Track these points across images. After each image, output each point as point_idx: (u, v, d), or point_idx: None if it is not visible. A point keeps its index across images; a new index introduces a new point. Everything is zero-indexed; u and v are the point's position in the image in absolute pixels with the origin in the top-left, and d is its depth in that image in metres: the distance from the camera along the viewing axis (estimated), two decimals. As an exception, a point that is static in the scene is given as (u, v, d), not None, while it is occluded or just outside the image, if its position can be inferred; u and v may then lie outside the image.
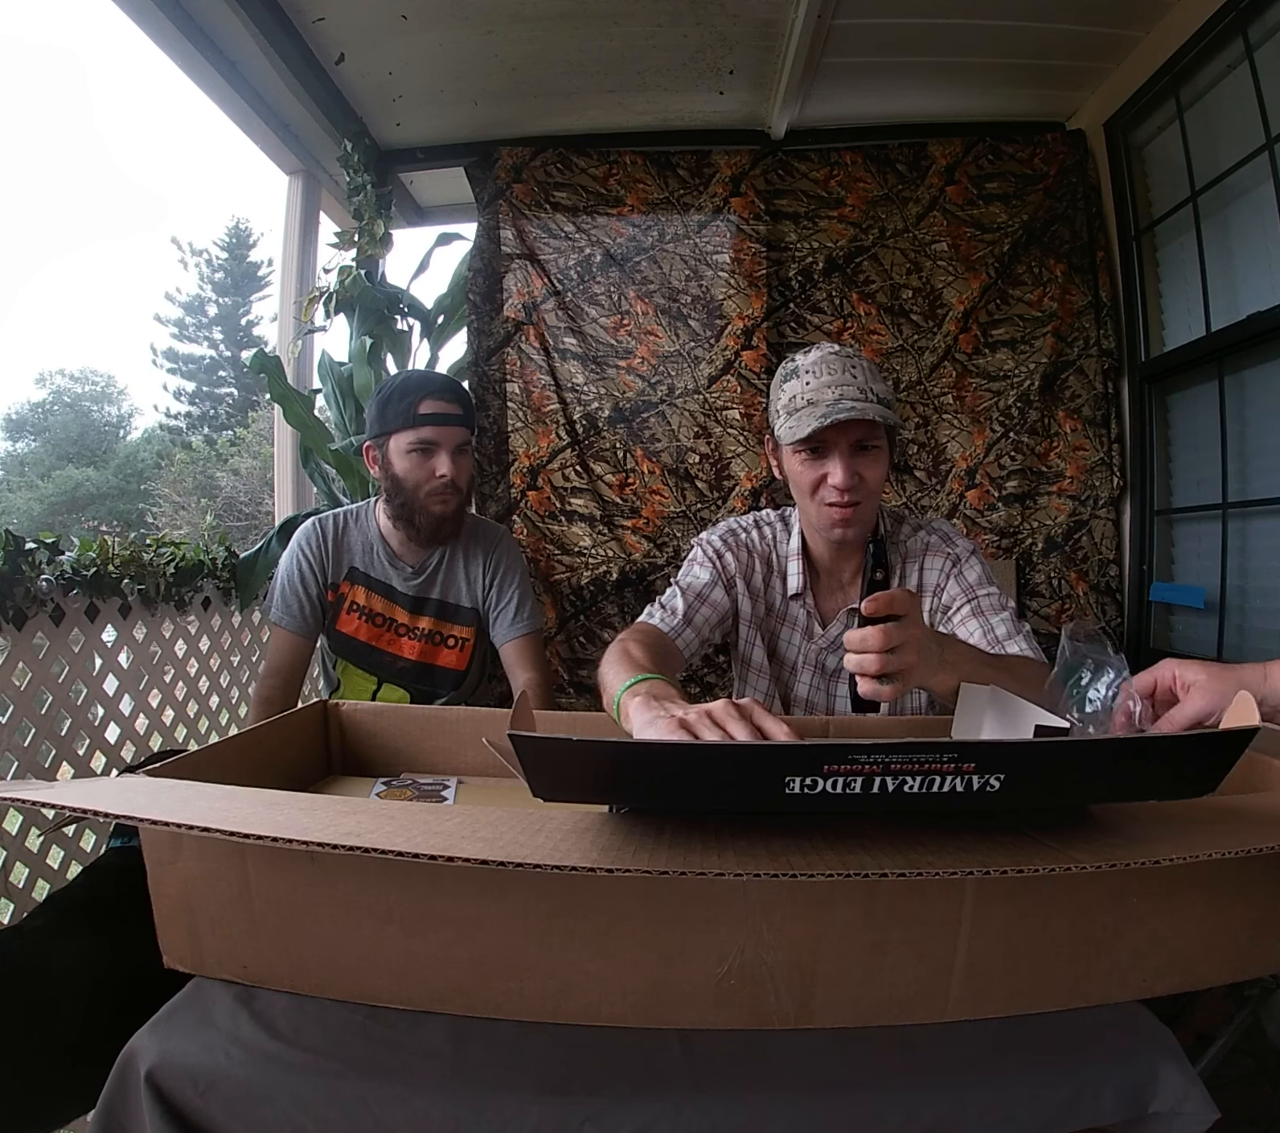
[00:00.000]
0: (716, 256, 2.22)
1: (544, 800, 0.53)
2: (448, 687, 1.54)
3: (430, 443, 1.39)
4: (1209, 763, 0.52)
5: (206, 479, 19.06)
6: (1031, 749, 0.52)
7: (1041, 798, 0.54)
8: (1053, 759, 0.51)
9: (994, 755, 0.49)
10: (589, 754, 0.50)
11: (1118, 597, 2.13)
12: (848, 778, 0.48)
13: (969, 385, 2.17)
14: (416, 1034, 0.58)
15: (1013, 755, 0.49)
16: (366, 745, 1.08)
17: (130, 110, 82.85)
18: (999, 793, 0.49)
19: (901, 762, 0.47)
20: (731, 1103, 0.54)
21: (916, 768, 0.48)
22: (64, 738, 1.29)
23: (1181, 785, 0.54)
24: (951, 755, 0.48)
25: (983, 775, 0.48)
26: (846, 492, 1.05)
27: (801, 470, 1.08)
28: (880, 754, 0.47)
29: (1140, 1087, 0.55)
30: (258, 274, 25.23)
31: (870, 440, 1.06)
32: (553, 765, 0.51)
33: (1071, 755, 0.52)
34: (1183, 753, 0.53)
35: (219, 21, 1.71)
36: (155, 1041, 0.57)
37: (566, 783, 0.53)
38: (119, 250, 72.40)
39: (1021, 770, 0.49)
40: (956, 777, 0.48)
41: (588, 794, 0.55)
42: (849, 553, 1.16)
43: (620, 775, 0.52)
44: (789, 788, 0.48)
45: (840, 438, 1.04)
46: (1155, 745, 0.53)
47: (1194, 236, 1.85)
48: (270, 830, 0.49)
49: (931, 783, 0.48)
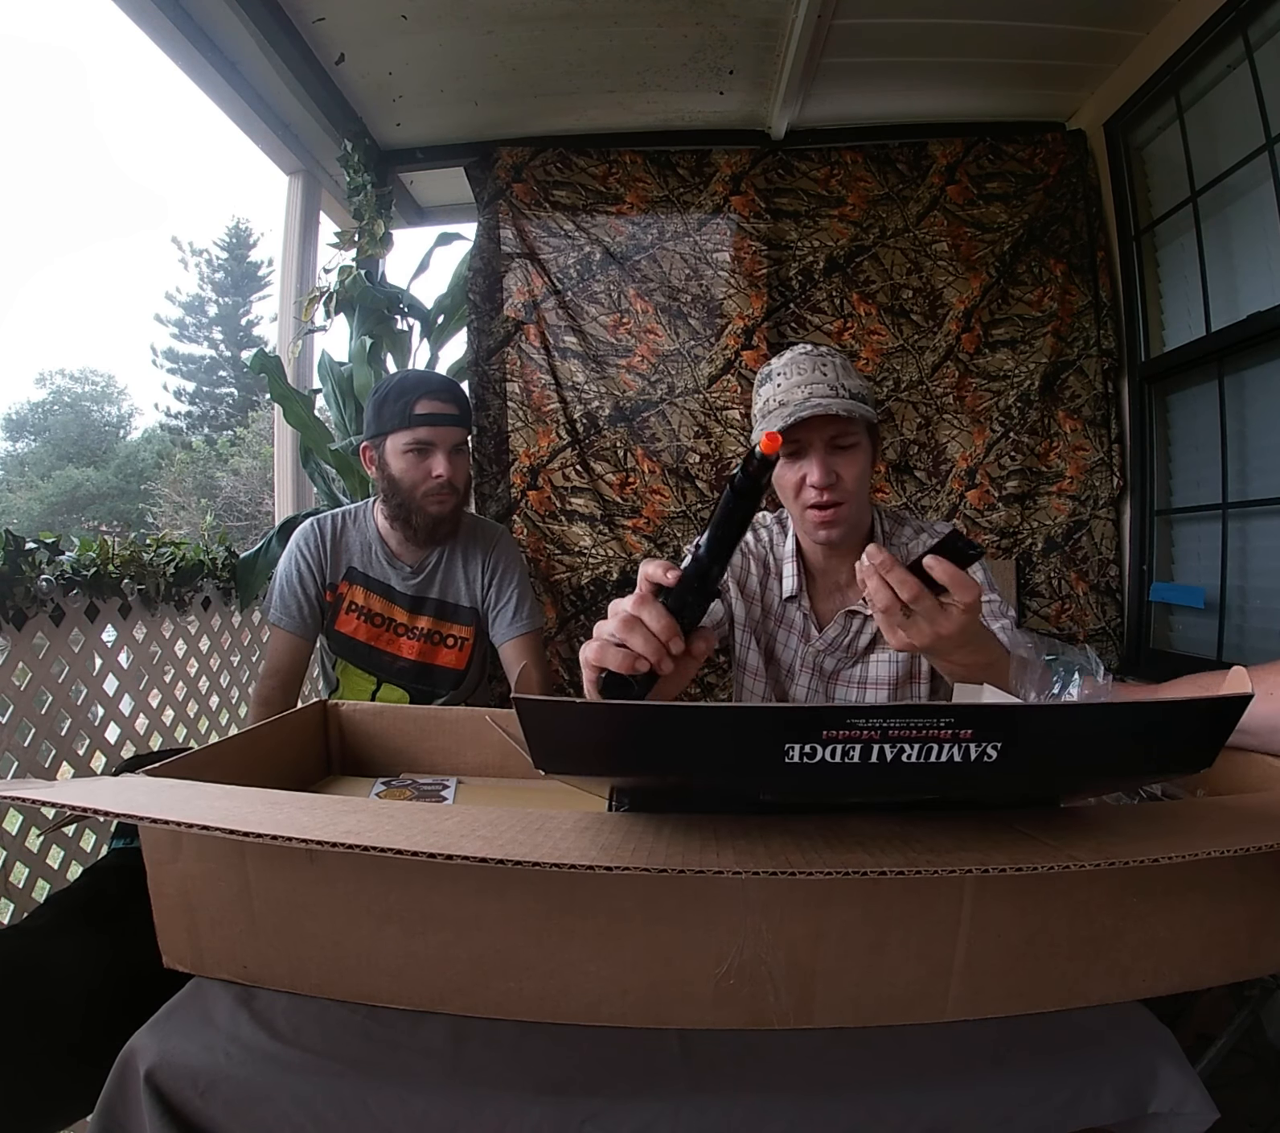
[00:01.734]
0: (717, 255, 2.22)
1: (545, 773, 0.53)
2: (447, 686, 1.54)
3: (426, 443, 1.39)
4: (1204, 732, 0.52)
5: (206, 479, 19.08)
6: (1027, 713, 0.53)
7: (1040, 770, 0.54)
8: (1048, 723, 0.51)
9: (990, 720, 0.49)
10: (590, 717, 0.50)
11: (1117, 597, 2.13)
12: (846, 745, 0.48)
13: (969, 385, 2.17)
14: (416, 1034, 0.58)
15: (1008, 719, 0.50)
16: (366, 746, 1.08)
17: (130, 110, 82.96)
18: (997, 763, 0.49)
19: (899, 727, 0.48)
20: (731, 1103, 0.54)
21: (914, 734, 0.48)
22: (64, 738, 1.29)
23: (1179, 757, 0.54)
24: (948, 720, 0.48)
25: (979, 743, 0.49)
26: (825, 491, 1.04)
27: (782, 473, 1.07)
28: (878, 718, 0.48)
29: (1140, 1087, 0.55)
30: (258, 274, 25.24)
31: (846, 438, 1.05)
32: (554, 730, 0.51)
33: (1066, 719, 0.52)
34: (1178, 719, 0.53)
35: (219, 21, 1.71)
36: (155, 1040, 0.57)
37: (567, 750, 0.53)
38: (119, 250, 72.50)
39: (1018, 737, 0.49)
40: (954, 744, 0.49)
41: (587, 762, 0.55)
42: (843, 554, 1.15)
43: (620, 740, 0.52)
44: (789, 756, 0.48)
45: (814, 437, 1.03)
46: (1149, 710, 0.53)
47: (1194, 236, 1.85)
48: (270, 829, 0.49)
49: (929, 751, 0.49)
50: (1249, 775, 0.76)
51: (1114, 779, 0.63)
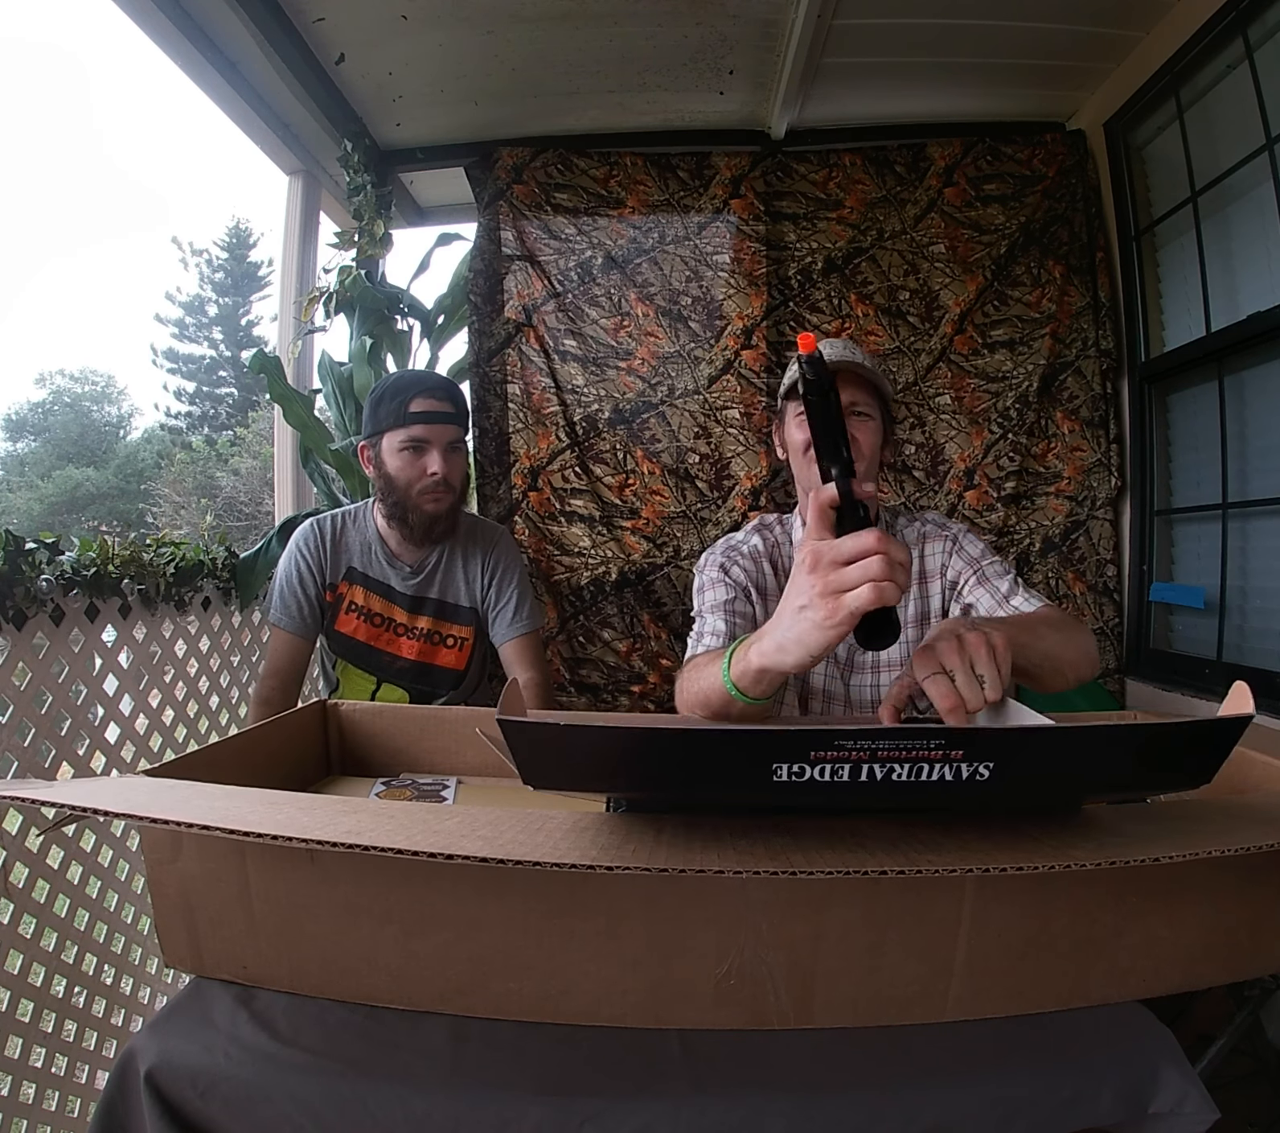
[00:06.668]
0: (716, 257, 2.22)
1: (534, 788, 0.53)
2: (447, 686, 1.54)
3: (421, 441, 1.39)
4: (1203, 752, 0.52)
5: (206, 479, 19.06)
6: (1019, 736, 0.52)
7: (1033, 790, 0.54)
8: (1041, 746, 0.51)
9: (981, 742, 0.48)
10: (576, 739, 0.50)
11: (1115, 597, 2.13)
12: (835, 765, 0.48)
13: (967, 386, 2.17)
14: (416, 1035, 0.58)
15: (1000, 742, 0.49)
16: (366, 746, 1.08)
17: (130, 110, 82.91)
18: (989, 783, 0.49)
19: (889, 748, 0.47)
20: (731, 1103, 0.54)
21: (904, 755, 0.48)
22: (64, 738, 1.29)
23: (1177, 776, 0.54)
24: (938, 742, 0.48)
25: (971, 764, 0.48)
26: None
27: (796, 432, 1.12)
28: (867, 740, 0.47)
29: (1140, 1087, 0.55)
30: (258, 274, 25.24)
31: (863, 405, 1.10)
32: (540, 750, 0.51)
33: (1060, 742, 0.51)
34: (1176, 740, 0.52)
35: (219, 22, 1.71)
36: (155, 1041, 0.57)
37: (556, 770, 0.53)
38: (119, 250, 72.44)
39: (1010, 758, 0.49)
40: (945, 765, 0.48)
41: (577, 781, 0.55)
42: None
43: (608, 761, 0.52)
44: (776, 775, 0.48)
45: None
46: (1147, 732, 0.53)
47: (1194, 237, 1.85)
48: (270, 829, 0.49)
49: (920, 771, 0.48)
50: (1249, 776, 0.76)
51: (1110, 795, 0.63)
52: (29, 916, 1.20)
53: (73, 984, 1.25)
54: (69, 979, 1.24)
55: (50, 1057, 1.20)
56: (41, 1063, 1.18)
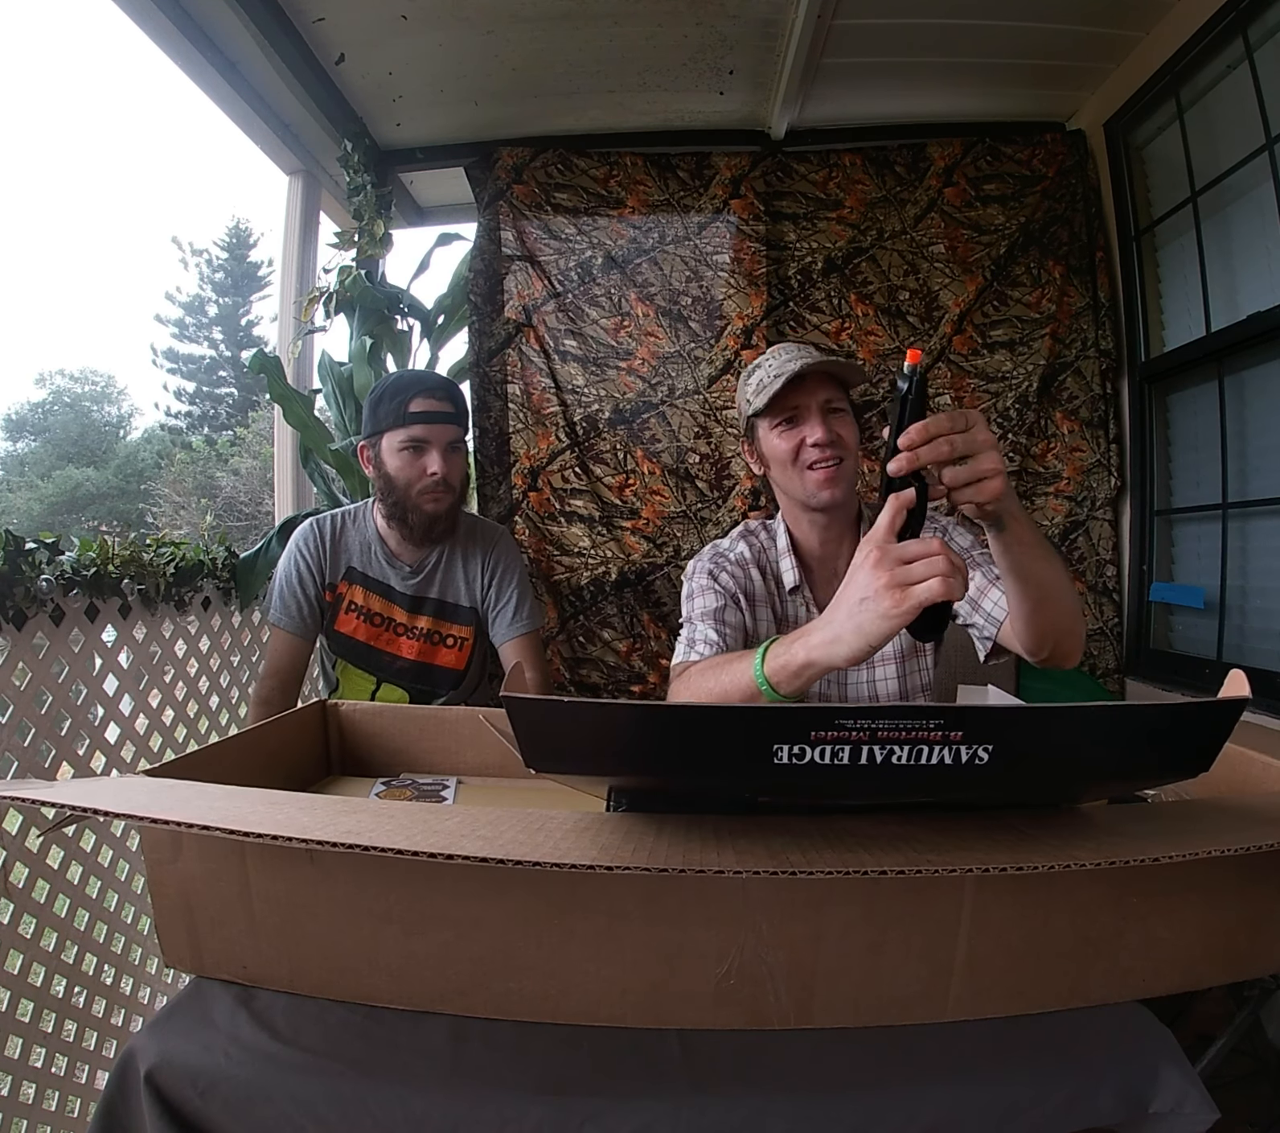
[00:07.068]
0: (716, 257, 2.22)
1: (536, 772, 0.53)
2: (446, 686, 1.54)
3: (421, 441, 1.39)
4: (1201, 735, 0.52)
5: (206, 479, 19.05)
6: (1018, 716, 0.52)
7: (1032, 774, 0.53)
8: (1039, 725, 0.51)
9: (981, 722, 0.48)
10: (579, 715, 0.50)
11: (1115, 597, 2.13)
12: (835, 746, 0.48)
13: (967, 386, 2.17)
14: (416, 1034, 0.58)
15: (999, 722, 0.49)
16: (366, 746, 1.08)
17: (130, 110, 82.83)
18: (988, 767, 0.49)
19: (888, 729, 0.47)
20: (731, 1103, 0.54)
21: (904, 736, 0.47)
22: (64, 738, 1.29)
23: (1175, 761, 0.54)
24: (938, 721, 0.47)
25: (970, 746, 0.48)
26: (828, 447, 1.08)
27: (779, 443, 1.11)
28: (866, 719, 0.47)
29: (1140, 1087, 0.55)
30: (258, 274, 25.22)
31: (838, 402, 1.12)
32: (544, 729, 0.51)
33: (1059, 722, 0.51)
34: (1175, 721, 0.52)
35: (219, 22, 1.71)
36: (155, 1041, 0.57)
37: (557, 749, 0.52)
38: (119, 250, 72.33)
39: (1009, 740, 0.49)
40: (944, 747, 0.48)
41: (577, 761, 0.55)
42: (836, 536, 1.17)
43: (608, 738, 0.51)
44: (777, 758, 0.48)
45: (810, 400, 1.10)
46: (1145, 713, 0.53)
47: (1194, 237, 1.85)
48: (270, 829, 0.49)
49: (919, 754, 0.48)
50: (1249, 776, 0.76)
51: (1111, 783, 0.63)
52: (29, 916, 1.20)
53: (73, 984, 1.25)
54: (69, 979, 1.24)
55: (50, 1057, 1.20)
56: (41, 1063, 1.18)
